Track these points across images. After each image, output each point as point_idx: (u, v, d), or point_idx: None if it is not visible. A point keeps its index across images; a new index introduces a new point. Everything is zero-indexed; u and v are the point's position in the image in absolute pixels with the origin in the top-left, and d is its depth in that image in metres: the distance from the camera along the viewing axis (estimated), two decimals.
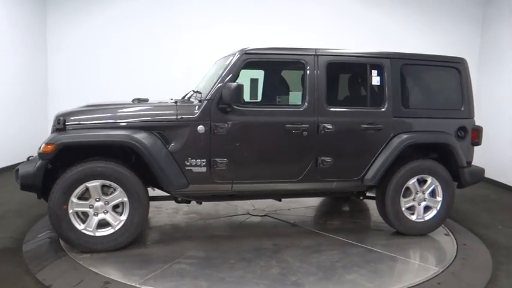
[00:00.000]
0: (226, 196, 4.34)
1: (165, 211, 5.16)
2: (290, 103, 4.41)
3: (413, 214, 4.50)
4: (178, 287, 3.19)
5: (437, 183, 4.50)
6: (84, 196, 3.77)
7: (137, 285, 3.18)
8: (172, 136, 3.94)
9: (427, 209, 4.55)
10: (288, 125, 4.11)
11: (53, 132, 3.88)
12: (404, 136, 4.37)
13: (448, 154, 4.56)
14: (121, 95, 5.13)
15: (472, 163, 4.83)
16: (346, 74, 4.73)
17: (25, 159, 4.10)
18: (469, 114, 4.67)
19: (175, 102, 4.21)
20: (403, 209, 4.44)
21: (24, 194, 4.32)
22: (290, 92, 4.47)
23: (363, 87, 4.47)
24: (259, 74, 5.26)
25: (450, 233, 4.64)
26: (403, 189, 4.41)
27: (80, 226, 3.73)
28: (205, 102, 4.00)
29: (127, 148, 3.82)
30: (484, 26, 8.18)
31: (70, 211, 3.69)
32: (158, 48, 8.21)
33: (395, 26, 8.30)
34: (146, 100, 4.41)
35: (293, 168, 4.21)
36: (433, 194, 4.55)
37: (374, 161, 4.36)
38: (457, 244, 4.37)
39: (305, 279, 3.38)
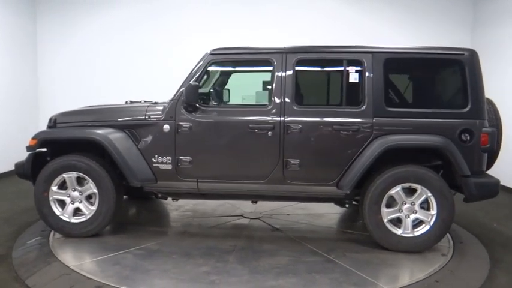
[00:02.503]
0: (198, 195, 4.42)
1: (169, 208, 5.44)
2: (257, 102, 4.32)
3: (400, 227, 3.98)
4: (102, 273, 3.40)
5: (430, 194, 3.91)
6: (64, 186, 4.24)
7: None
8: (142, 134, 4.22)
9: (421, 223, 3.99)
10: (251, 125, 4.04)
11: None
12: (384, 139, 3.92)
13: (447, 161, 3.94)
14: (114, 100, 5.55)
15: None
16: (318, 71, 4.43)
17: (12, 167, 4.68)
18: (477, 115, 3.95)
19: (155, 103, 4.48)
20: (386, 220, 3.96)
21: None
22: (256, 92, 4.37)
23: (338, 85, 4.13)
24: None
25: (449, 255, 3.97)
26: (386, 198, 3.94)
27: (58, 212, 4.21)
28: (171, 102, 4.18)
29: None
30: (474, 28, 7.92)
31: (50, 198, 4.19)
32: (150, 53, 8.21)
33: (384, 29, 7.96)
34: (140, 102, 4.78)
35: (258, 169, 4.11)
36: (427, 206, 3.96)
37: (350, 166, 4.00)
38: (453, 242, 4.28)
39: (225, 279, 3.30)
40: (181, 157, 4.14)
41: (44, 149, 4.34)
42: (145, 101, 4.88)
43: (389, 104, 4.00)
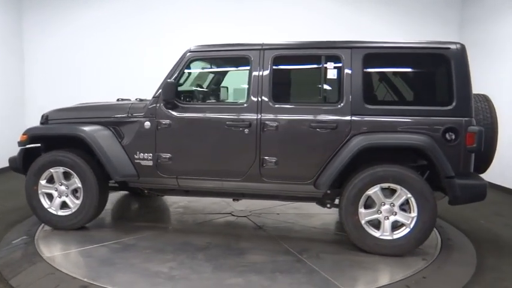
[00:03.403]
0: (182, 191, 4.45)
1: (164, 204, 5.53)
2: (234, 100, 4.30)
3: (379, 229, 3.85)
4: (69, 264, 3.53)
5: (410, 195, 3.74)
6: (53, 180, 4.40)
7: None
8: (125, 131, 4.31)
9: (402, 225, 3.83)
10: (228, 122, 4.03)
11: None
12: (362, 137, 3.79)
13: (431, 161, 3.76)
14: (106, 97, 5.64)
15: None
16: (296, 67, 4.32)
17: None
18: (463, 112, 3.74)
19: (141, 100, 4.56)
20: (363, 222, 3.84)
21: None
22: (234, 89, 4.35)
23: (316, 82, 4.03)
24: None
25: (429, 261, 3.78)
26: (363, 198, 3.81)
27: (47, 205, 4.38)
28: (152, 99, 4.24)
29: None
30: (461, 29, 8.04)
31: (39, 191, 4.36)
32: (141, 49, 8.05)
33: (374, 28, 7.91)
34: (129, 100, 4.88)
35: (235, 166, 4.08)
36: (408, 208, 3.80)
37: (328, 164, 3.90)
38: (441, 239, 4.33)
39: (186, 275, 3.31)
40: (161, 154, 4.19)
41: (38, 145, 4.55)
42: (140, 99, 4.98)
43: (369, 101, 3.86)
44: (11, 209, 4.93)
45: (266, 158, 3.99)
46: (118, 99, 4.94)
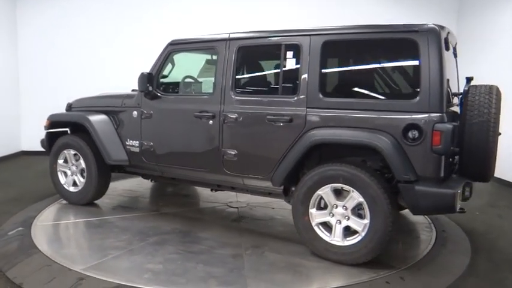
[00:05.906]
0: (169, 178, 4.68)
1: (179, 190, 5.83)
2: (203, 91, 4.31)
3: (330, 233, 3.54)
4: (42, 236, 3.98)
5: (362, 199, 3.35)
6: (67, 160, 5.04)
7: (112, 281, 3.12)
8: (120, 119, 4.72)
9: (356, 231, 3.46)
10: (196, 113, 4.11)
11: None
12: (313, 132, 3.51)
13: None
14: (99, 84, 5.86)
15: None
16: (259, 58, 4.09)
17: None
18: (431, 107, 3.17)
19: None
20: (314, 223, 3.57)
21: None
22: (204, 80, 4.33)
23: (277, 73, 3.82)
24: None
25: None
26: (315, 198, 3.54)
27: (63, 181, 5.04)
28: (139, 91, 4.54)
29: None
30: (459, 17, 7.92)
31: (58, 169, 5.06)
32: (136, 35, 7.78)
33: (368, 16, 7.51)
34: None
35: (201, 157, 4.15)
36: (363, 212, 3.41)
37: (283, 160, 3.71)
38: (436, 230, 4.37)
39: (119, 255, 3.54)
40: (144, 141, 4.48)
41: (66, 129, 5.25)
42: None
43: (325, 93, 3.53)
44: (6, 199, 5.14)
45: (227, 150, 3.97)
46: (133, 90, 5.36)
